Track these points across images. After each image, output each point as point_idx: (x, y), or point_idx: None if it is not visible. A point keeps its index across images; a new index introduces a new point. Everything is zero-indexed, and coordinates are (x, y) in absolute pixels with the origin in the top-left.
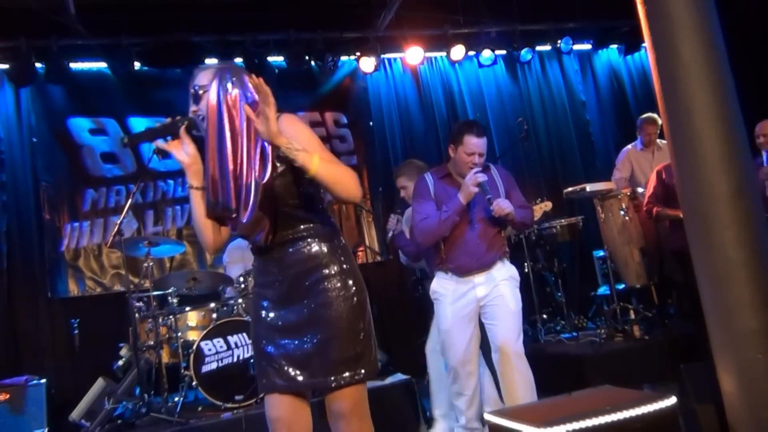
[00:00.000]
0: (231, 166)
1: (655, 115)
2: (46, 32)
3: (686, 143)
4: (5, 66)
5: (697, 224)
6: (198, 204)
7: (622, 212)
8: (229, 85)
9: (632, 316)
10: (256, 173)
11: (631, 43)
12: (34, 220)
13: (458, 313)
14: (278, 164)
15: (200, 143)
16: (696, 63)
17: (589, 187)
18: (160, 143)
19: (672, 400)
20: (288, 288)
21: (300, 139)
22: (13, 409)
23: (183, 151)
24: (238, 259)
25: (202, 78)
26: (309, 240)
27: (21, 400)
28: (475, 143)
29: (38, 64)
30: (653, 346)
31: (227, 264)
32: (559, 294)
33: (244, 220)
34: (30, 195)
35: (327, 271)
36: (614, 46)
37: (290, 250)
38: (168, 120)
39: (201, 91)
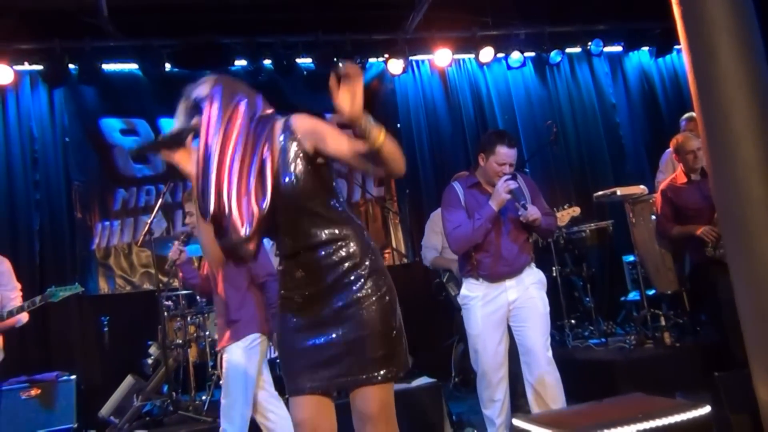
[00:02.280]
0: (214, 176)
1: None
2: (80, 34)
3: (723, 146)
4: (40, 67)
5: (734, 229)
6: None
7: (653, 217)
8: (230, 97)
9: (663, 322)
10: (253, 197)
11: (663, 45)
12: (66, 219)
13: (489, 317)
14: (300, 168)
15: None
16: (733, 64)
17: (620, 191)
18: (167, 153)
19: (706, 409)
20: (318, 290)
21: (317, 128)
22: (44, 404)
23: (190, 162)
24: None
25: (202, 90)
26: (339, 243)
27: (52, 396)
28: (506, 153)
29: (71, 66)
30: (685, 354)
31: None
32: (588, 299)
33: (235, 233)
34: (62, 194)
35: (359, 272)
36: (645, 49)
37: (321, 253)
38: (174, 130)
39: (205, 103)
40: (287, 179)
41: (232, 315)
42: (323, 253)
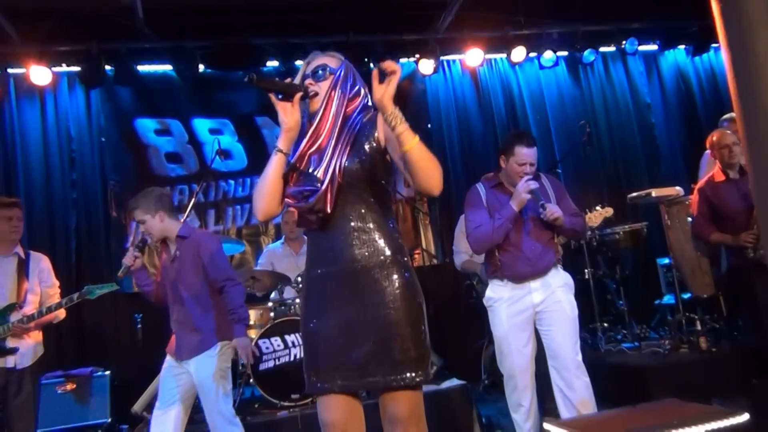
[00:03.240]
0: (331, 145)
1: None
2: (116, 36)
3: (763, 146)
4: (77, 68)
5: None
6: (276, 166)
7: (689, 219)
8: (352, 80)
9: (699, 327)
10: (343, 158)
11: (700, 44)
12: (102, 217)
13: (513, 318)
14: (364, 155)
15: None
16: None
17: (654, 192)
18: (275, 98)
19: (744, 417)
20: (348, 281)
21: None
22: (78, 399)
23: (290, 114)
24: (267, 265)
25: (330, 61)
26: (376, 234)
27: (86, 390)
28: (525, 153)
29: (108, 67)
30: (721, 359)
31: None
32: (621, 302)
33: (320, 204)
34: (98, 193)
35: (391, 270)
36: (682, 47)
37: (353, 239)
38: (288, 81)
39: (327, 72)
40: (356, 159)
41: (195, 324)
42: (356, 242)
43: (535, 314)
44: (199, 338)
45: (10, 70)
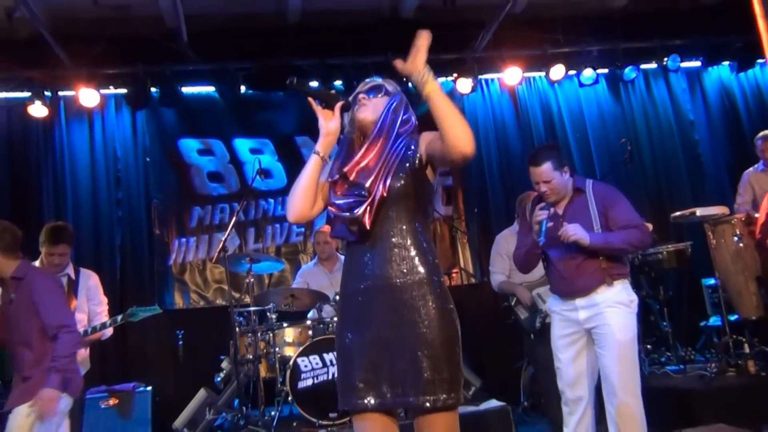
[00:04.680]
0: (380, 163)
1: None
2: (161, 59)
3: None
4: (124, 90)
5: None
6: (312, 168)
7: (735, 238)
8: (405, 107)
9: (747, 350)
10: (389, 176)
11: (745, 60)
12: (146, 235)
13: (562, 332)
14: (407, 173)
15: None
16: None
17: (699, 211)
18: (315, 104)
19: None
20: (384, 298)
21: (431, 144)
22: (121, 414)
23: (329, 119)
24: (302, 284)
25: (388, 85)
26: (414, 252)
27: (129, 406)
28: (532, 173)
29: (153, 89)
30: None
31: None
32: (665, 323)
33: (363, 216)
34: (142, 211)
35: (427, 289)
36: (726, 63)
37: (391, 256)
38: (333, 91)
39: (382, 93)
40: (399, 176)
41: (25, 372)
42: (394, 257)
43: (586, 332)
44: (24, 387)
45: (60, 93)
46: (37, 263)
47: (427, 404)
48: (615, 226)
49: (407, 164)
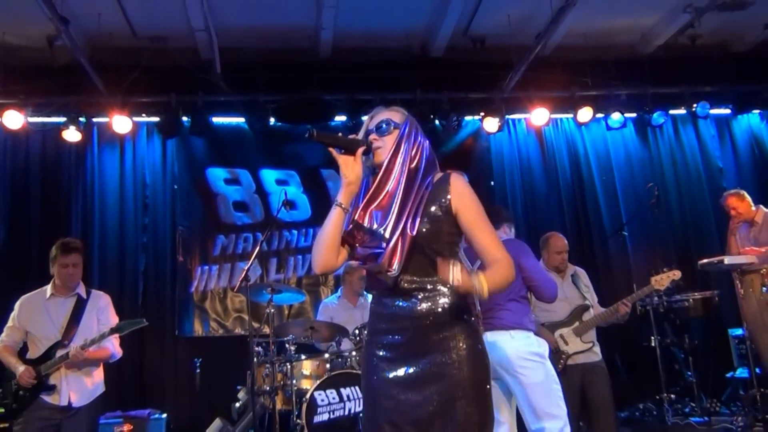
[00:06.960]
0: (397, 203)
1: None
2: (194, 89)
3: None
4: (156, 119)
5: None
6: (335, 220)
7: (765, 289)
8: (415, 134)
9: None
10: (412, 223)
11: None
12: (169, 262)
13: None
14: (435, 215)
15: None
16: None
17: (727, 260)
18: (336, 152)
19: None
20: (413, 339)
21: (466, 213)
22: None
23: (351, 169)
24: (327, 320)
25: (394, 116)
26: (442, 291)
27: None
28: None
29: (184, 118)
30: None
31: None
32: (690, 373)
33: (387, 264)
34: (167, 238)
35: (458, 329)
36: (756, 111)
37: (420, 297)
38: (351, 136)
39: (392, 127)
40: (426, 219)
41: None
42: (422, 297)
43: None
44: None
45: (94, 119)
46: (49, 287)
47: None
48: None
49: (435, 207)
